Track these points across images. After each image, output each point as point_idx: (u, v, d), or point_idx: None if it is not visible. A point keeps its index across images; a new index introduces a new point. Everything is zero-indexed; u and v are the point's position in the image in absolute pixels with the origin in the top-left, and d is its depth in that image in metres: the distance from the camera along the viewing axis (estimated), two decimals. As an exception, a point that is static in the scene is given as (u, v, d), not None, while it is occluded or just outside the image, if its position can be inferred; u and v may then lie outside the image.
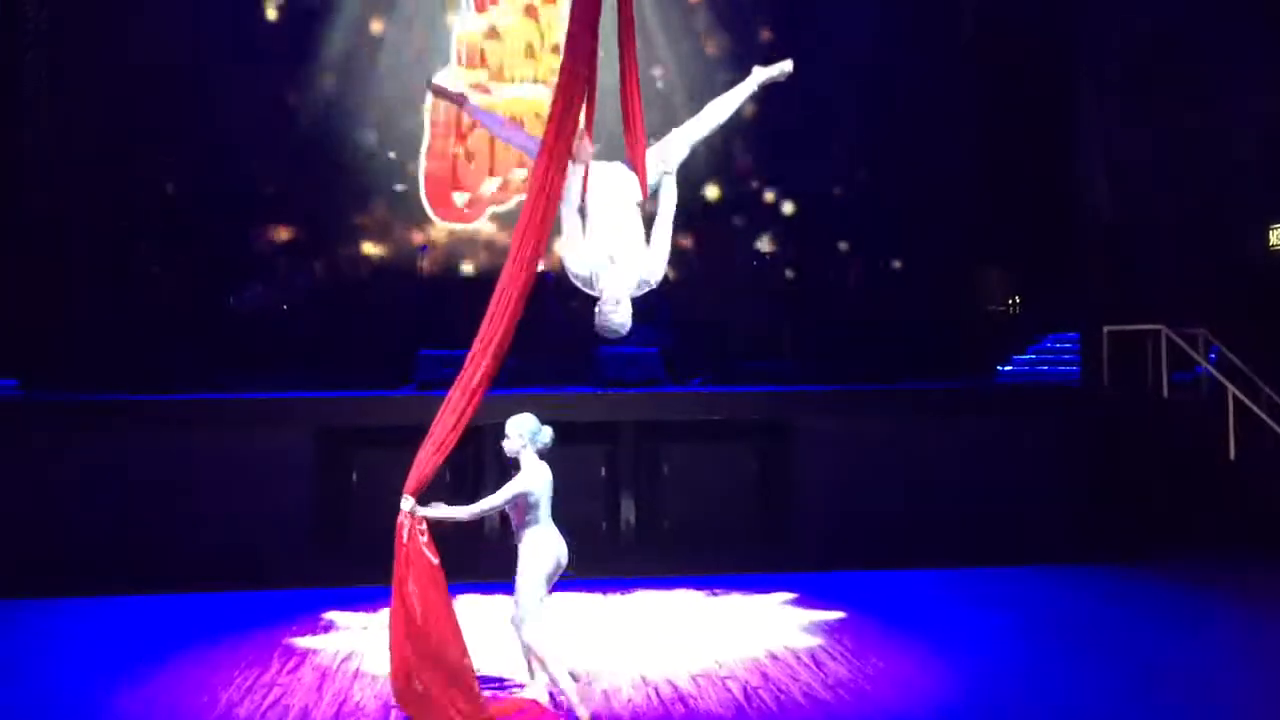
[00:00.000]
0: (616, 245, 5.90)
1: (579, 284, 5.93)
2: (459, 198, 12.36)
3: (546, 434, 6.16)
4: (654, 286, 5.97)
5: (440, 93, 7.05)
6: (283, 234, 12.07)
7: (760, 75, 6.42)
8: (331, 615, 8.34)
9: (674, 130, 6.21)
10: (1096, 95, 11.17)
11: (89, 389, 10.17)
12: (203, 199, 11.64)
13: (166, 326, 11.18)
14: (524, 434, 6.13)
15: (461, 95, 6.85)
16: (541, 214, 5.87)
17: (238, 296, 11.64)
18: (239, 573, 9.03)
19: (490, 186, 12.26)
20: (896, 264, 12.36)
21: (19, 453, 9.17)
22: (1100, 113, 11.13)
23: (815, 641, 7.63)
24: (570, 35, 6.01)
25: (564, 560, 6.11)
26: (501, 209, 12.34)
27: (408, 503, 5.78)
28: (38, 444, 9.22)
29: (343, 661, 7.24)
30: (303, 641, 7.71)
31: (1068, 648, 7.49)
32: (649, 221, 6.03)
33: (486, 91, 12.15)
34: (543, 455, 6.15)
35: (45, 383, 10.56)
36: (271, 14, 12.03)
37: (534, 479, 6.07)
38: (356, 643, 7.64)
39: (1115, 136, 11.23)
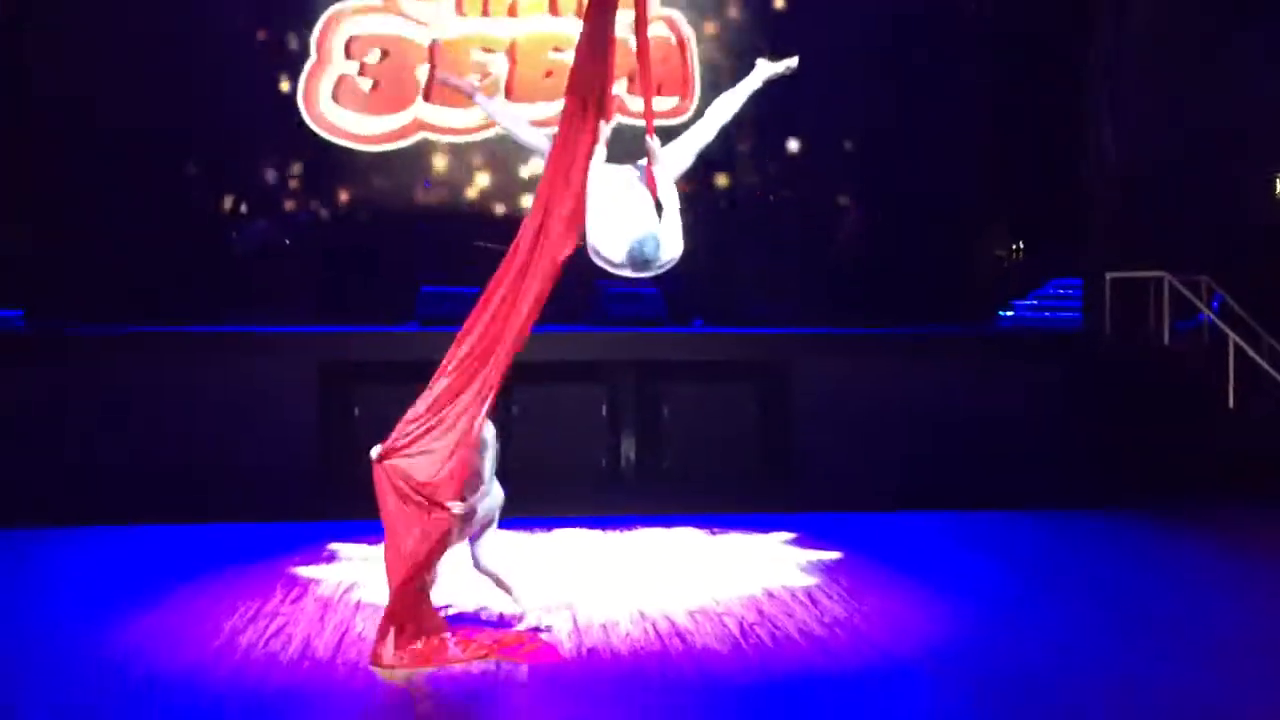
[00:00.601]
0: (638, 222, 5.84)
1: (622, 268, 5.89)
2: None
3: None
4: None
5: (448, 83, 6.95)
6: (287, 168, 12.01)
7: (765, 70, 6.32)
8: (334, 547, 8.44)
9: (679, 138, 6.08)
10: (1109, 40, 11.05)
11: (93, 321, 10.20)
12: (207, 134, 11.57)
13: (170, 262, 11.17)
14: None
15: (471, 86, 6.69)
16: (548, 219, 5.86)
17: (241, 233, 11.62)
18: (243, 505, 9.12)
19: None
20: (899, 207, 12.29)
21: (22, 383, 9.22)
22: (1110, 58, 11.02)
23: (812, 581, 7.72)
24: (585, 32, 5.92)
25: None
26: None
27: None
28: (41, 375, 9.27)
29: (345, 592, 7.33)
30: (305, 572, 7.80)
31: (1062, 592, 7.57)
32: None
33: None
34: None
35: (49, 314, 10.59)
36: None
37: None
38: (359, 574, 7.73)
39: (1124, 82, 11.13)
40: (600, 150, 5.89)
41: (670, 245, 5.88)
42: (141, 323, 10.07)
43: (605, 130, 5.91)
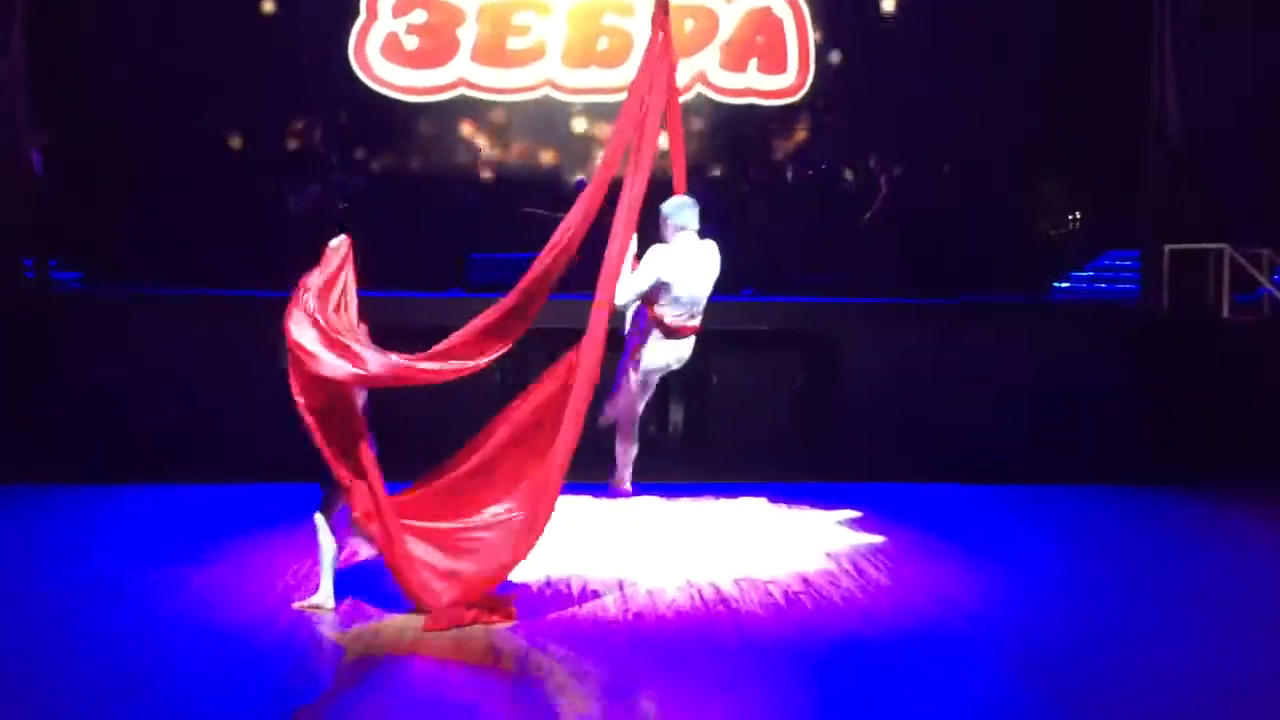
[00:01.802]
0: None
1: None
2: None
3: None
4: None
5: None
6: (340, 137, 12.10)
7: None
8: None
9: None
10: (1170, 6, 10.79)
11: (150, 284, 10.36)
12: (263, 104, 11.69)
13: (226, 228, 11.30)
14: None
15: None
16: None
17: (296, 199, 11.72)
18: (294, 465, 9.22)
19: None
20: (953, 176, 12.14)
21: (83, 343, 9.40)
22: (1175, 22, 10.76)
23: (858, 550, 7.71)
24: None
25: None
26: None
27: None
28: (100, 336, 9.45)
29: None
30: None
31: (1112, 567, 7.51)
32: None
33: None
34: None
35: (108, 277, 10.77)
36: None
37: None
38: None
39: (1188, 48, 10.87)
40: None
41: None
42: (197, 285, 10.21)
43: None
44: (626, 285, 6.05)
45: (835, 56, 11.92)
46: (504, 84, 11.72)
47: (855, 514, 8.74)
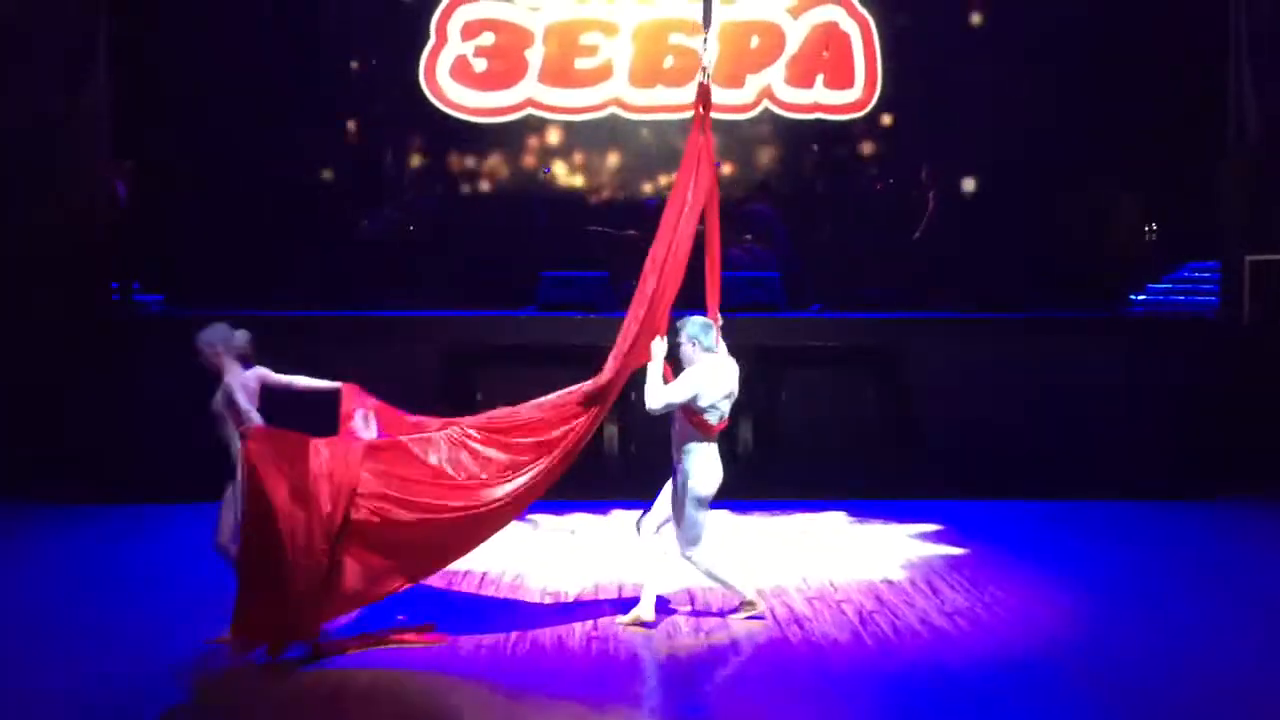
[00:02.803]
0: None
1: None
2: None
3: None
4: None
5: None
6: (412, 159, 12.28)
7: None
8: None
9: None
10: (1253, 13, 10.54)
11: (228, 306, 10.56)
12: (337, 129, 11.91)
13: (301, 248, 11.50)
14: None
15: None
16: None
17: (369, 220, 11.90)
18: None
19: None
20: (1027, 188, 11.97)
21: (164, 362, 9.61)
22: (1252, 23, 10.51)
23: (932, 569, 7.63)
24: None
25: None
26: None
27: None
28: (180, 357, 9.64)
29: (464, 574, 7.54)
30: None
31: (1195, 586, 7.34)
32: None
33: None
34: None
35: (188, 299, 11.02)
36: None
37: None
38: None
39: (1267, 50, 10.61)
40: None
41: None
42: (273, 307, 10.40)
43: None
44: (662, 393, 6.18)
45: (903, 70, 11.82)
46: (572, 104, 11.80)
47: (929, 531, 8.65)
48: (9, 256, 9.98)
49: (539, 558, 7.91)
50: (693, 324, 6.39)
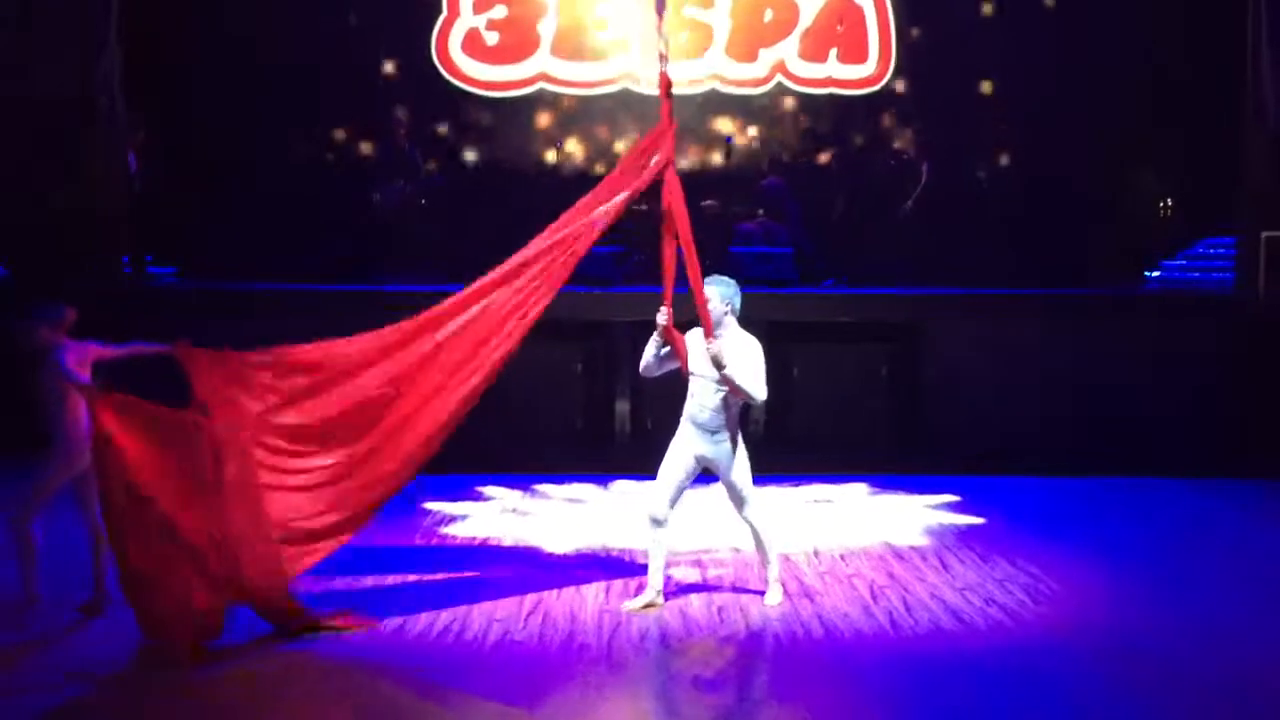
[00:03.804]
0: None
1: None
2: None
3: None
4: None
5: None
6: (424, 133, 12.24)
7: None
8: (474, 495, 8.69)
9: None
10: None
11: (241, 279, 10.59)
12: (350, 102, 11.88)
13: (312, 223, 11.49)
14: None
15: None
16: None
17: (382, 196, 11.88)
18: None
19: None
20: (1040, 163, 11.89)
21: (178, 337, 9.62)
22: (1272, 4, 10.41)
23: (943, 544, 7.63)
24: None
25: None
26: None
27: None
28: (194, 330, 9.65)
29: (483, 540, 7.57)
30: (445, 509, 8.14)
31: (1204, 564, 7.33)
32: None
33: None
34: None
35: (201, 272, 11.04)
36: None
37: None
38: (494, 525, 7.97)
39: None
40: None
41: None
42: (287, 280, 10.40)
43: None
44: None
45: (917, 45, 11.74)
46: (584, 77, 11.76)
47: (942, 506, 8.66)
48: (25, 229, 10.00)
49: (547, 528, 7.94)
50: (727, 286, 6.17)
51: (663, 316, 6.19)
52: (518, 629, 5.91)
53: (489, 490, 8.97)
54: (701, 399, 6.13)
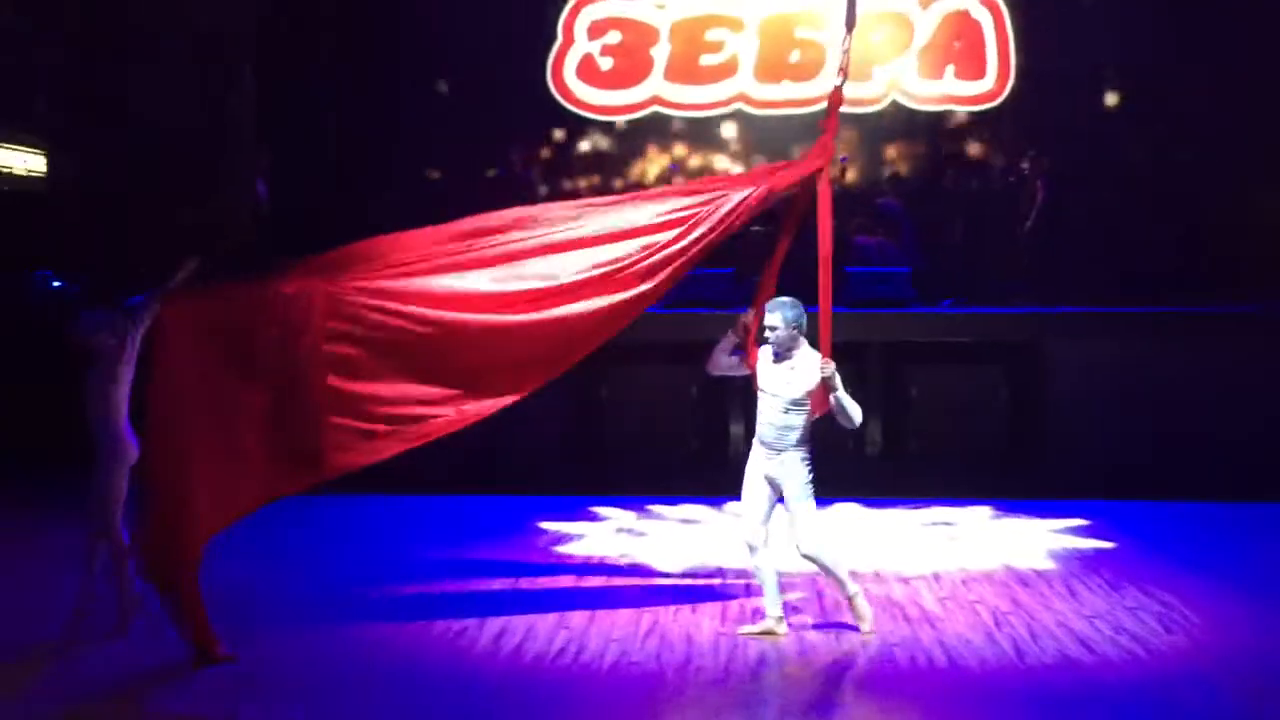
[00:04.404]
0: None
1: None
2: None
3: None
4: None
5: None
6: (540, 158, 12.45)
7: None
8: (587, 516, 8.75)
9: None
10: None
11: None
12: (468, 123, 12.15)
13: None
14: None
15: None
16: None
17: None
18: (501, 478, 9.51)
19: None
20: (1163, 178, 11.54)
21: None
22: None
23: (1069, 570, 7.42)
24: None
25: None
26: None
27: None
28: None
29: (599, 559, 7.62)
30: (559, 529, 8.28)
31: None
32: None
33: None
34: None
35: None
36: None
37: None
38: (610, 542, 8.02)
39: None
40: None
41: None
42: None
43: None
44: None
45: (1037, 59, 11.51)
46: (697, 100, 11.82)
47: (1067, 530, 8.43)
48: (160, 252, 10.43)
49: (661, 549, 7.96)
50: (792, 308, 6.02)
51: (748, 316, 6.16)
52: (635, 650, 5.92)
53: (603, 511, 9.02)
54: (768, 416, 6.06)
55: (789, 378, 5.98)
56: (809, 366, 5.99)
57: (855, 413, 6.01)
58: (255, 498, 5.72)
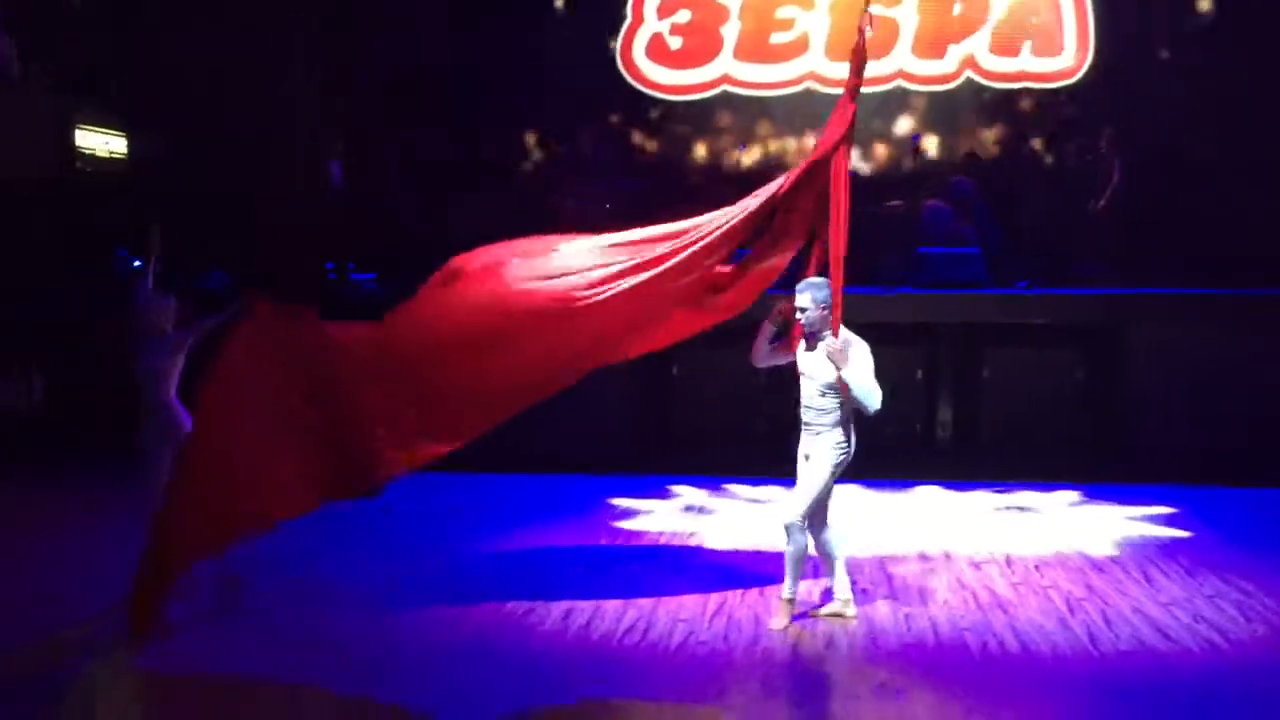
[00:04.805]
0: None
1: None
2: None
3: None
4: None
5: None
6: (610, 138, 12.45)
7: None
8: (660, 495, 8.78)
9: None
10: None
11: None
12: (537, 110, 12.20)
13: (506, 230, 11.78)
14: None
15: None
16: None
17: (570, 200, 12.11)
18: (566, 459, 9.56)
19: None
20: (1248, 156, 11.20)
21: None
22: None
23: (1146, 556, 7.28)
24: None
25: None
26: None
27: None
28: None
29: (668, 538, 7.65)
30: (627, 505, 8.30)
31: None
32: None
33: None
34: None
35: (400, 279, 11.46)
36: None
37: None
38: (685, 525, 8.03)
39: None
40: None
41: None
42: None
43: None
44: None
45: (1117, 34, 11.23)
46: (767, 79, 11.73)
47: (1143, 517, 8.27)
48: (239, 240, 10.64)
49: (731, 528, 7.96)
50: (821, 288, 5.88)
51: (783, 302, 6.03)
52: (702, 630, 5.93)
53: (675, 489, 9.04)
54: (807, 399, 5.97)
55: (822, 359, 5.88)
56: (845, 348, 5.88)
57: (870, 395, 5.79)
58: (296, 506, 5.86)
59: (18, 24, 10.94)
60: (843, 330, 5.90)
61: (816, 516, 6.00)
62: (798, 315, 5.93)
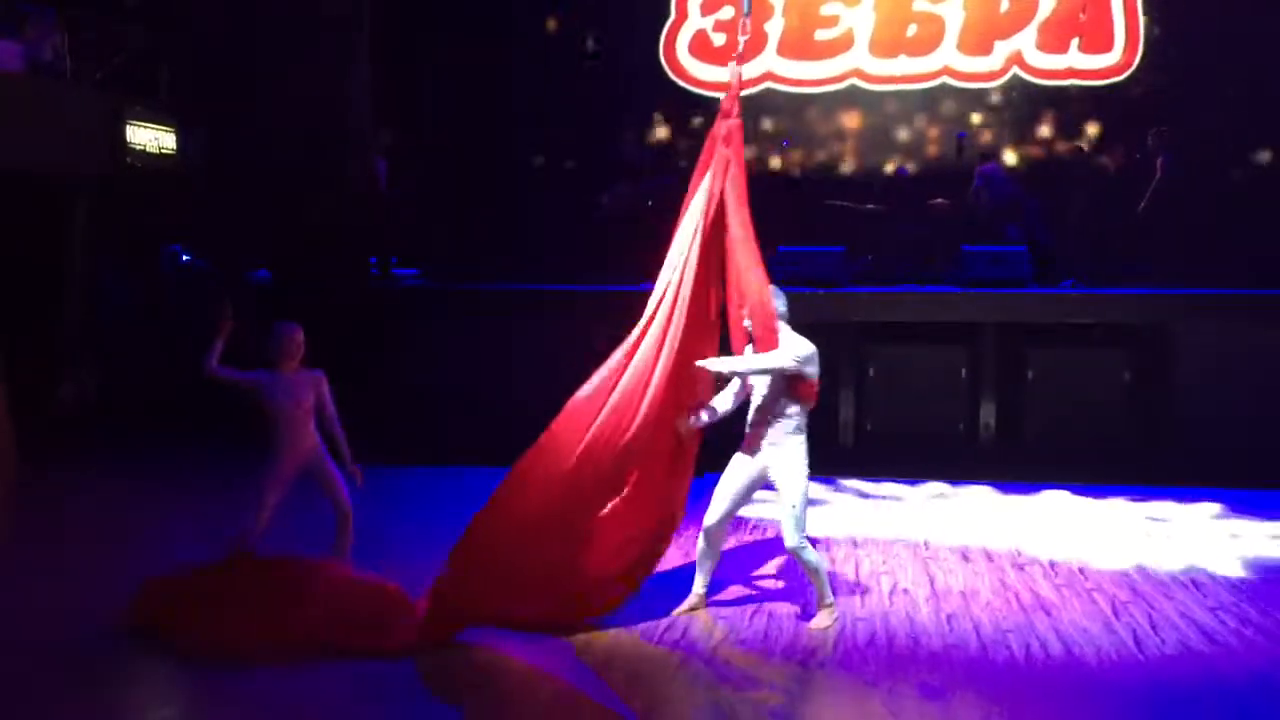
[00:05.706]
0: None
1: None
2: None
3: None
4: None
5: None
6: (651, 135, 12.45)
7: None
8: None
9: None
10: None
11: (479, 280, 11.03)
12: (580, 107, 12.20)
13: (548, 226, 11.84)
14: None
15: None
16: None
17: (609, 197, 12.14)
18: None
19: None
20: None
21: (419, 332, 10.14)
22: None
23: (1191, 560, 7.19)
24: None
25: None
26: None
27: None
28: (436, 325, 10.16)
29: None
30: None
31: None
32: None
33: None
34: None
35: (442, 274, 11.56)
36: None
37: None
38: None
39: None
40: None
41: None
42: (521, 281, 10.75)
43: None
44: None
45: (1167, 30, 11.08)
46: (810, 75, 11.67)
47: (1186, 518, 8.16)
48: (284, 235, 10.73)
49: (768, 526, 7.92)
50: (782, 299, 6.01)
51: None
52: (743, 628, 5.92)
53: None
54: (763, 407, 5.98)
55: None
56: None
57: (763, 357, 5.88)
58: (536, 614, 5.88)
59: (69, 20, 11.09)
60: (788, 334, 5.95)
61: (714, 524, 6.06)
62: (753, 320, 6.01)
